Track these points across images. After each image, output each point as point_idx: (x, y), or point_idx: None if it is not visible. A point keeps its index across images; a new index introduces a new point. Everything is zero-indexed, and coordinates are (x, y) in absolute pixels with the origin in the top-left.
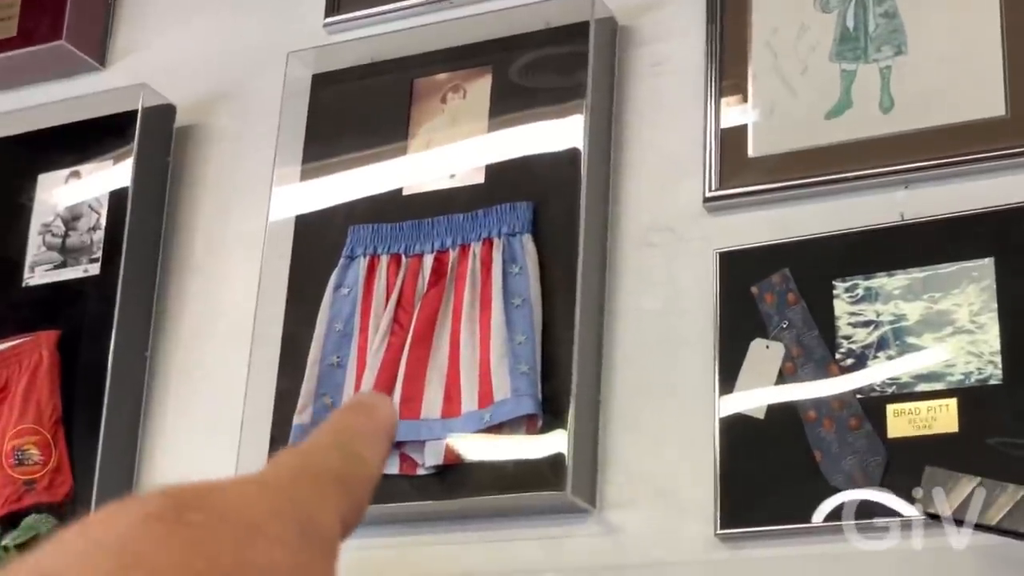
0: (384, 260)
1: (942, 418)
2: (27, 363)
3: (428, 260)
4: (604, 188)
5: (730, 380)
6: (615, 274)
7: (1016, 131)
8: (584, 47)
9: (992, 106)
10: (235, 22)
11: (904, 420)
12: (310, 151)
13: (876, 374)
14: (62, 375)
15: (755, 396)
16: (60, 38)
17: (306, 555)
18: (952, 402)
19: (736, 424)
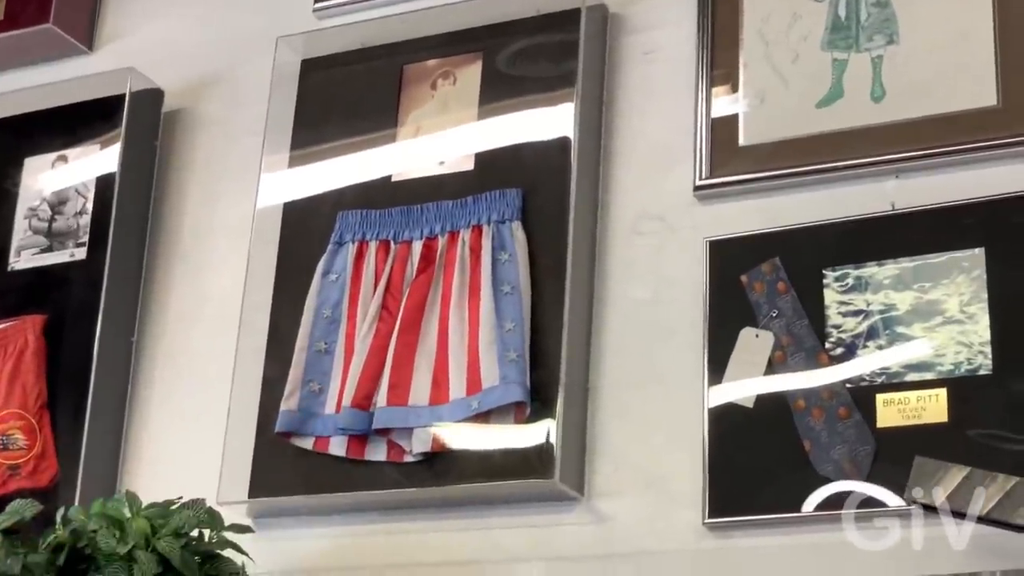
0: (372, 246)
1: (932, 408)
2: (12, 348)
3: (417, 246)
4: (594, 176)
5: (719, 369)
6: (604, 262)
7: (1008, 121)
8: (575, 34)
9: (984, 96)
10: (224, 7)
11: (894, 410)
12: (299, 137)
13: (866, 364)
14: (48, 360)
15: (744, 385)
16: (48, 21)
17: None
18: (942, 392)
19: (725, 413)
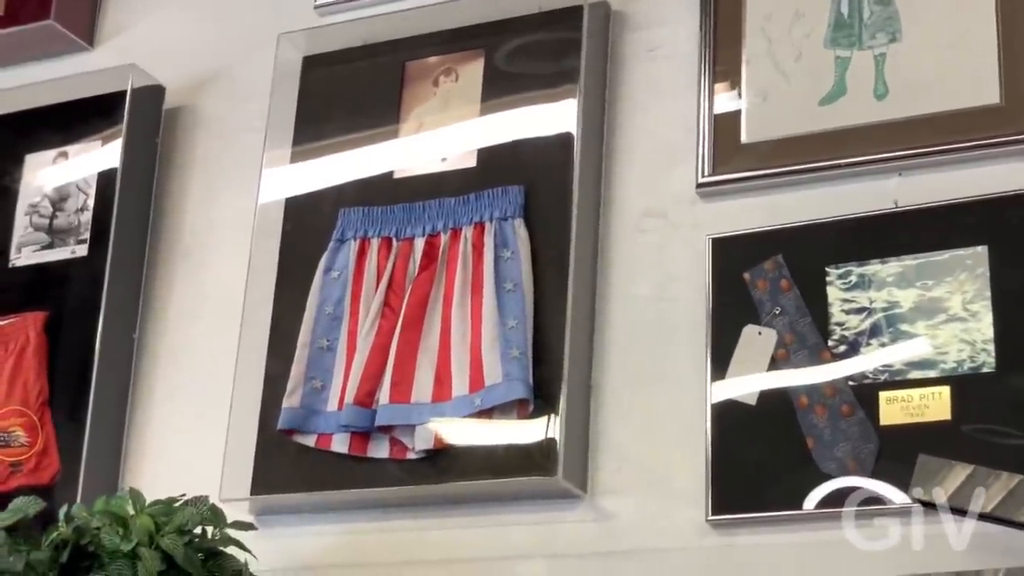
0: (375, 243)
1: (935, 406)
2: (14, 345)
3: (419, 243)
4: (596, 173)
5: (722, 367)
6: (607, 260)
7: (1010, 119)
8: (577, 32)
9: (986, 94)
10: (225, 3)
11: (897, 407)
12: (300, 133)
13: (869, 361)
14: (49, 357)
15: (747, 383)
16: (48, 17)
17: None
18: (945, 390)
19: (728, 410)
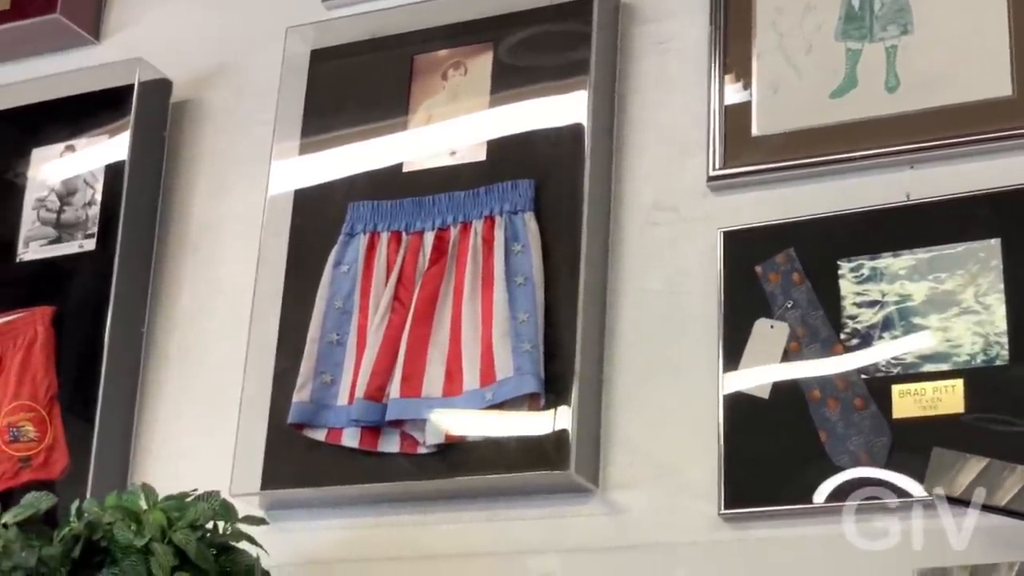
0: (384, 237)
1: (948, 399)
2: (22, 339)
3: (429, 237)
4: (607, 167)
5: (734, 360)
6: (618, 253)
7: (1023, 111)
8: (587, 24)
9: (999, 86)
10: None
11: (910, 401)
12: (309, 125)
13: (881, 354)
14: (57, 351)
15: (759, 376)
16: (55, 11)
17: None
18: (958, 383)
19: (740, 404)
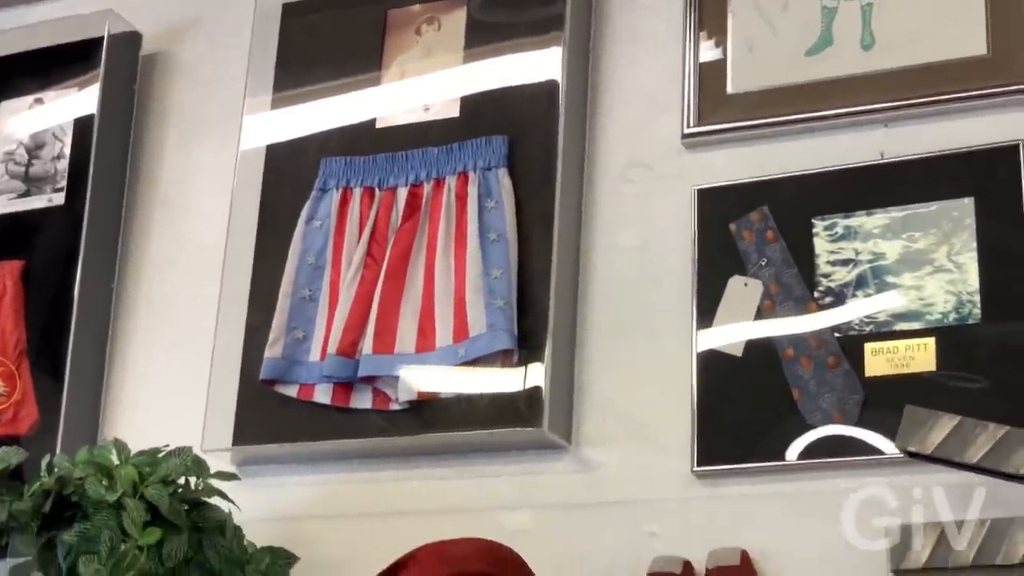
0: (357, 193)
1: (920, 357)
2: None
3: (402, 193)
4: (581, 123)
5: (708, 318)
6: (592, 210)
7: (998, 70)
8: None
9: (973, 45)
10: None
11: (882, 359)
12: (281, 80)
13: (855, 312)
14: (26, 306)
15: (733, 334)
16: None
17: None
18: (930, 341)
19: (713, 361)
